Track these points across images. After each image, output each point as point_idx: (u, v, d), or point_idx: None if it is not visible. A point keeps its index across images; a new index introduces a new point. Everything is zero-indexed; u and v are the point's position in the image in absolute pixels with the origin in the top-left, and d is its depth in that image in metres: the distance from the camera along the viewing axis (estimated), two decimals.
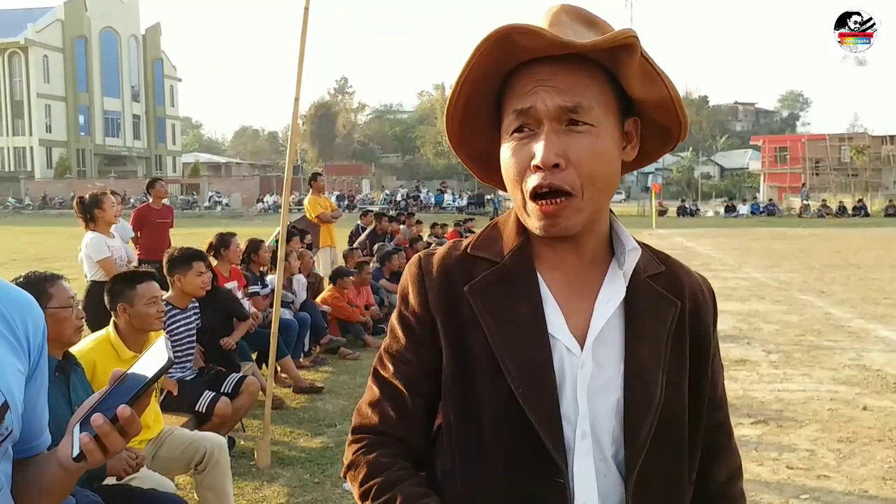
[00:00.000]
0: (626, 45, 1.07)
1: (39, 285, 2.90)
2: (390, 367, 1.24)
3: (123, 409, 1.04)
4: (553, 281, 1.18)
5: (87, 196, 6.27)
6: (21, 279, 2.94)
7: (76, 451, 1.05)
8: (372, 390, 1.26)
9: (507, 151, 1.14)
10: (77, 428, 1.07)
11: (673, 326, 1.19)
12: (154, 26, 75.50)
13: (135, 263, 6.59)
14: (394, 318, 1.26)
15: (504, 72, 1.14)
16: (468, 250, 1.22)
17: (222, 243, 6.30)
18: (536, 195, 1.11)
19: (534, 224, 1.14)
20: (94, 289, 5.74)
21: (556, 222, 1.11)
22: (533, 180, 1.10)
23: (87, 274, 6.20)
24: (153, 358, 1.10)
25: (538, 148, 1.09)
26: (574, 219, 1.11)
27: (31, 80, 63.69)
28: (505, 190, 1.28)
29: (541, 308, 1.15)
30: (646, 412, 1.13)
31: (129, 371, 1.10)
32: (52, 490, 1.19)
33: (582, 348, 1.14)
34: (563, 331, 1.14)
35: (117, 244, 6.34)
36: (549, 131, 1.09)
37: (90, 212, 6.14)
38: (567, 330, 1.14)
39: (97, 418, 1.04)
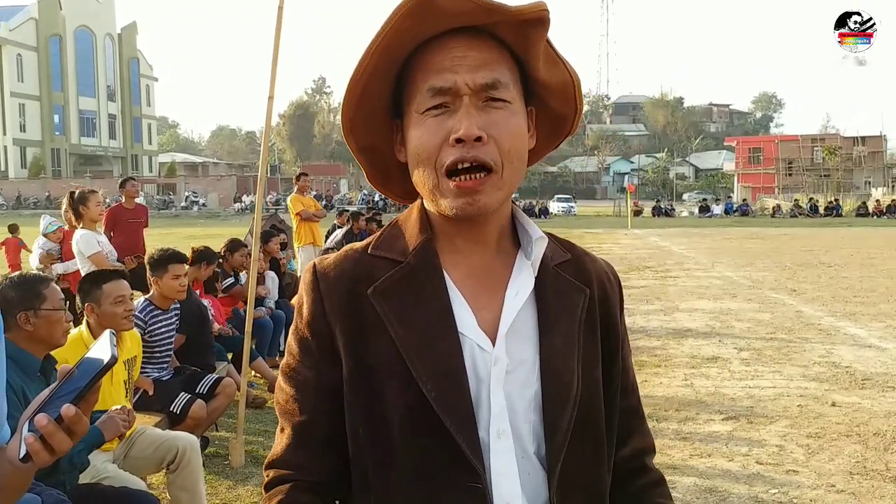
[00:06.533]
0: (540, 20, 1.05)
1: (34, 286, 2.88)
2: (287, 388, 1.15)
3: (67, 409, 1.01)
4: (459, 277, 1.13)
5: (76, 192, 6.71)
6: (15, 278, 2.92)
7: (22, 452, 1.03)
8: (279, 415, 1.18)
9: (418, 129, 1.08)
10: (26, 427, 1.04)
11: (584, 315, 1.16)
12: (130, 25, 74.83)
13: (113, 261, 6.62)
14: (290, 333, 1.17)
15: (413, 44, 1.07)
16: (368, 250, 1.15)
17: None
18: (454, 171, 1.05)
19: (449, 204, 1.07)
20: None
21: (475, 199, 1.06)
22: (453, 154, 1.04)
23: (81, 270, 6.34)
24: (99, 354, 1.06)
25: (460, 122, 1.04)
26: (493, 196, 1.07)
27: (5, 79, 62.85)
28: (388, 195, 1.28)
29: (448, 306, 1.09)
30: (564, 403, 1.10)
31: (77, 367, 1.07)
32: (7, 486, 1.15)
33: (494, 344, 1.09)
34: (472, 328, 1.09)
35: (105, 240, 6.73)
36: (468, 105, 1.05)
37: (76, 208, 6.56)
38: (477, 327, 1.10)
39: (41, 418, 1.01)
